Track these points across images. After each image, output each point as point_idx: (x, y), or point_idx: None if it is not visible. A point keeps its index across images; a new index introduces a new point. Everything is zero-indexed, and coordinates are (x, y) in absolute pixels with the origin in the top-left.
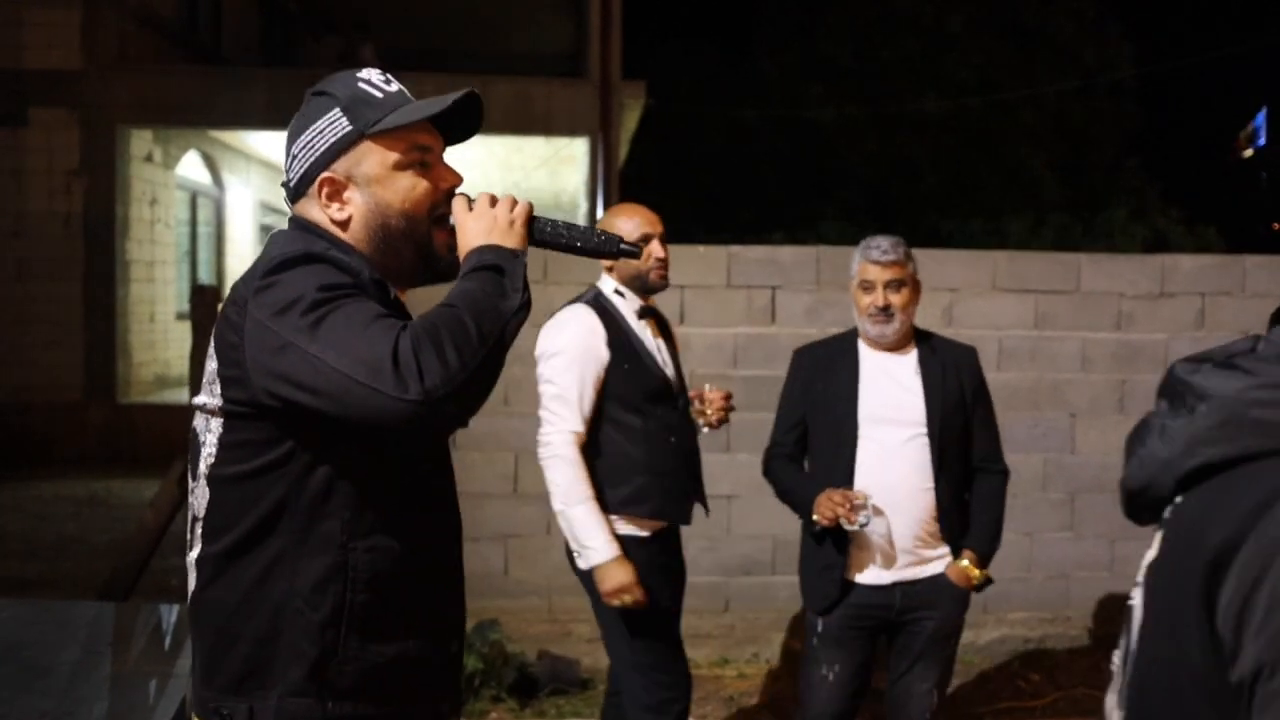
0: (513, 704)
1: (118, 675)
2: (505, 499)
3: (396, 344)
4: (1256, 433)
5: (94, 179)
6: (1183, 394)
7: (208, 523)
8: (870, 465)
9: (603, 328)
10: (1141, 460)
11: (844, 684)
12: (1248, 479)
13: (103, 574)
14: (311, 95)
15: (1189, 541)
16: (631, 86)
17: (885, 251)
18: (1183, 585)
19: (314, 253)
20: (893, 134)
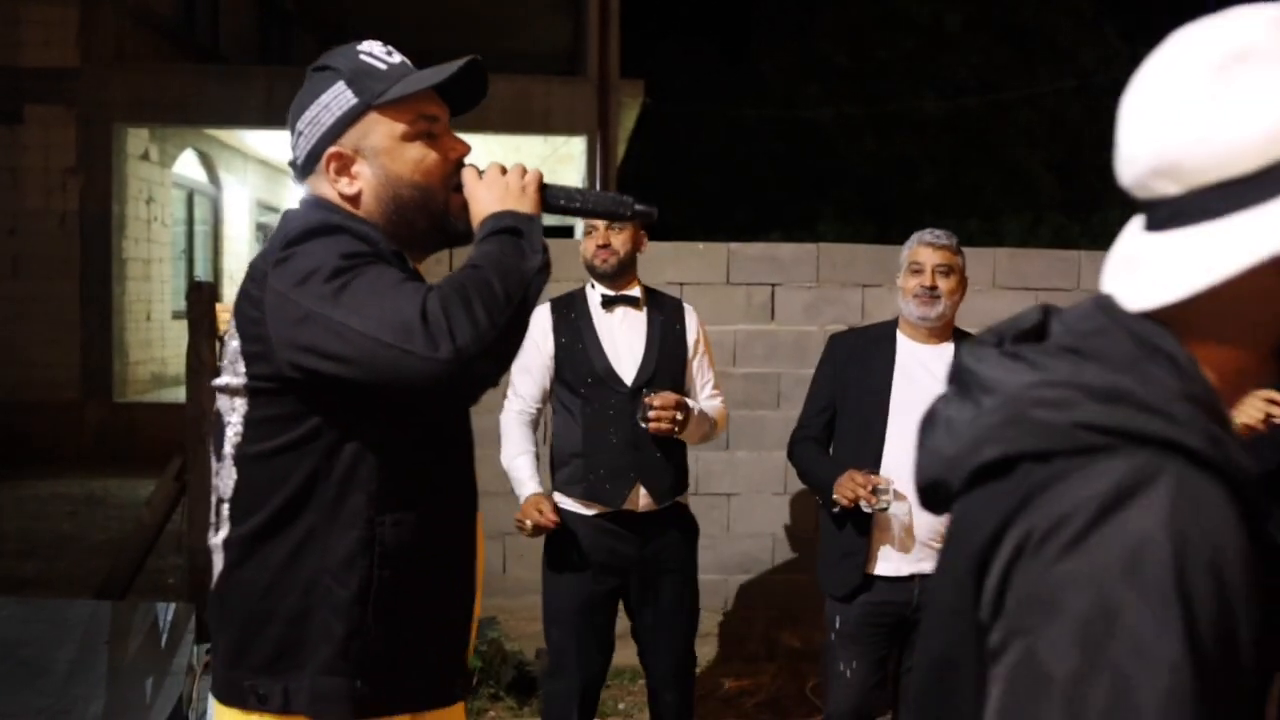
0: (511, 702)
1: (114, 673)
2: (504, 497)
3: (424, 304)
4: (1036, 433)
5: (90, 177)
6: (969, 384)
7: (236, 504)
8: (896, 455)
9: (550, 319)
10: (929, 454)
11: (863, 679)
12: (1019, 477)
13: (99, 573)
14: (313, 71)
15: (962, 540)
16: (629, 85)
17: (938, 236)
18: (955, 582)
19: (332, 223)
20: (890, 133)
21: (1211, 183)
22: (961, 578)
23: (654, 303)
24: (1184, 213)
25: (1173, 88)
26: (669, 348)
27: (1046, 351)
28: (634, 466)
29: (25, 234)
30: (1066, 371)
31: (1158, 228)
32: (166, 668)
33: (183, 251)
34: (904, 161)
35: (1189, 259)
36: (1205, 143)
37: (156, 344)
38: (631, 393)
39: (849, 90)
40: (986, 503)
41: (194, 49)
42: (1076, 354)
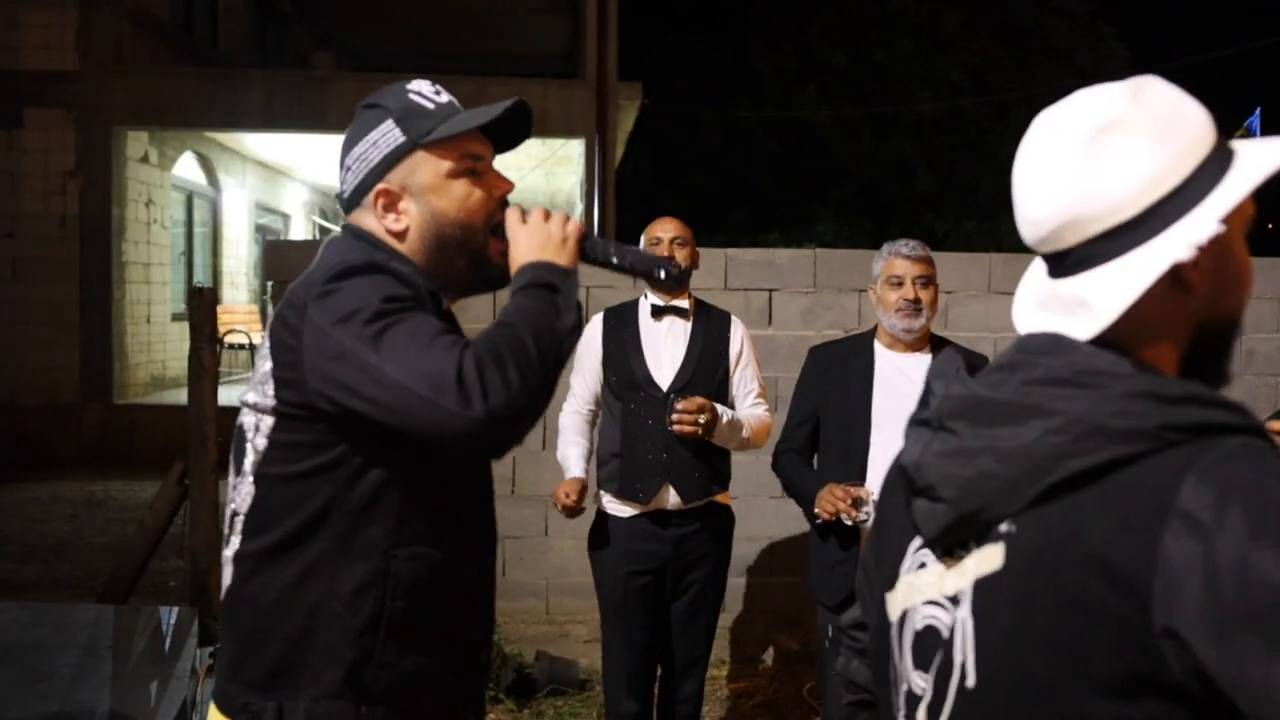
0: (510, 705)
1: (118, 677)
2: (503, 500)
3: (461, 361)
4: (1120, 441)
5: (90, 180)
6: (1002, 415)
7: (250, 519)
8: (881, 464)
9: (602, 327)
10: (969, 485)
11: (860, 675)
12: (1123, 484)
13: (100, 576)
14: (363, 108)
15: (1064, 550)
16: (627, 88)
17: (914, 248)
18: (1065, 589)
19: (377, 262)
20: (888, 135)
21: (1106, 229)
22: (1065, 588)
23: (702, 313)
24: (1089, 257)
25: (1059, 159)
26: (709, 357)
27: (1075, 380)
28: (663, 467)
29: (24, 237)
30: (1121, 388)
31: (1067, 273)
32: (170, 671)
33: (182, 254)
34: (901, 162)
35: (1112, 287)
36: (1096, 199)
37: (156, 346)
38: (666, 397)
39: (846, 91)
40: (1076, 512)
41: (193, 52)
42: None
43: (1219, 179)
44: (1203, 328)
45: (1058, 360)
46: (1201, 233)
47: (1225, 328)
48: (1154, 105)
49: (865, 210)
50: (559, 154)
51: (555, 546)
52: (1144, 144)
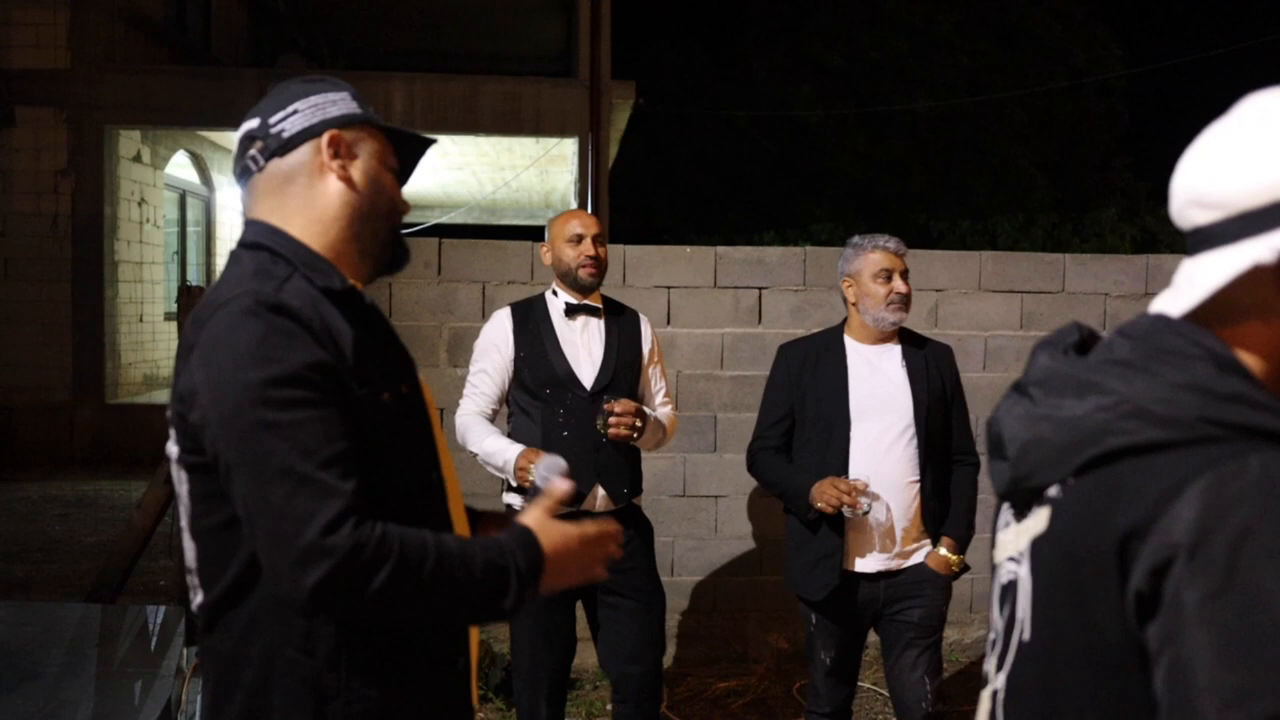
0: (500, 704)
1: (104, 676)
2: (494, 500)
3: (337, 522)
4: (1163, 425)
5: (82, 179)
6: (1060, 385)
7: (199, 574)
8: (862, 457)
9: (511, 323)
10: (1026, 447)
11: (840, 668)
12: (1151, 468)
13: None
14: (307, 80)
15: (1097, 522)
16: (621, 87)
17: (898, 243)
18: (1090, 559)
19: (284, 305)
20: (882, 134)
21: (1228, 215)
22: (1094, 556)
23: (611, 311)
24: (1209, 239)
25: (1203, 143)
26: (626, 355)
27: (1136, 363)
28: (593, 468)
29: (16, 236)
30: (1175, 376)
31: (1193, 252)
32: (156, 670)
33: (175, 253)
34: (896, 162)
35: (1211, 271)
36: (1218, 184)
37: (148, 346)
38: (591, 396)
39: (841, 91)
40: (1117, 489)
41: (185, 51)
42: (1161, 361)
43: None
44: None
45: (1140, 343)
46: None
47: None
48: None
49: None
50: (552, 153)
51: None
52: (1277, 143)
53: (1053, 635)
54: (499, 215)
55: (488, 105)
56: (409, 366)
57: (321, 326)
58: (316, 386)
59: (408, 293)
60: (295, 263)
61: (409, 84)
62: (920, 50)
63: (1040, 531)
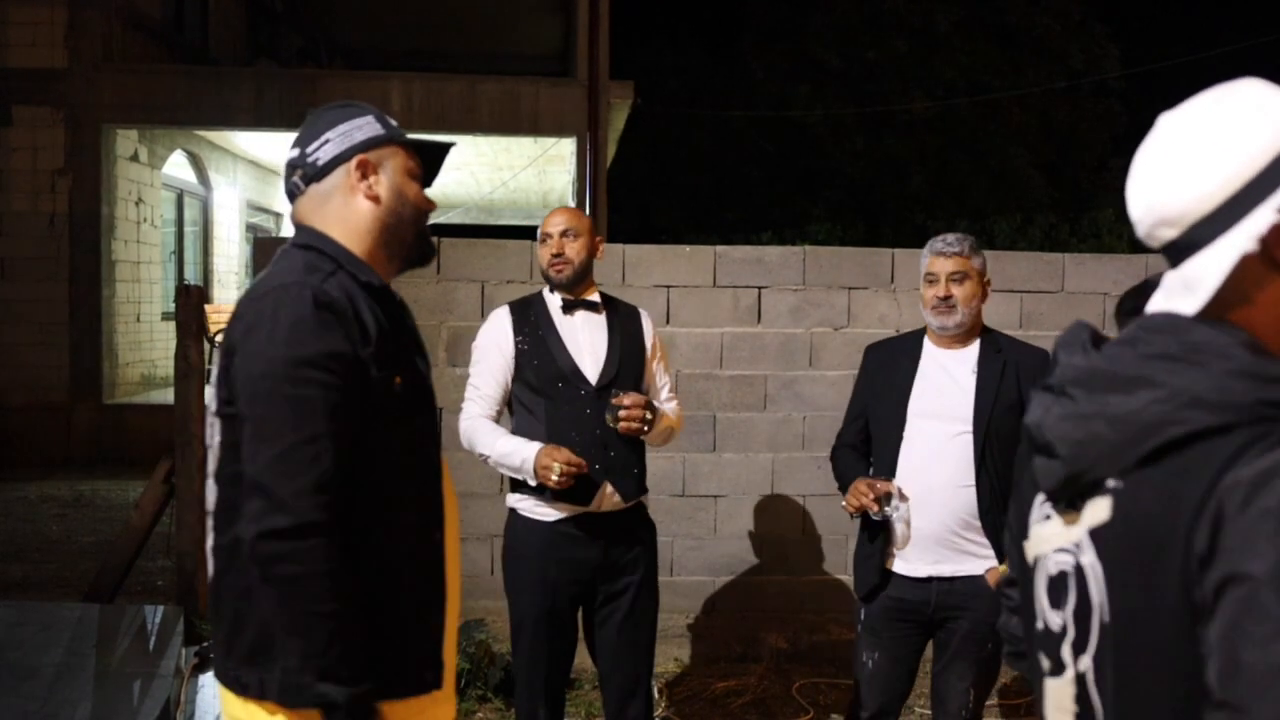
0: (499, 704)
1: (102, 676)
2: (491, 499)
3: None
4: (1223, 410)
5: (79, 178)
6: (1116, 384)
7: (217, 517)
8: (913, 459)
9: (510, 321)
10: (1082, 445)
11: (884, 673)
12: (1212, 449)
13: (88, 575)
14: (337, 106)
15: (1164, 507)
16: (619, 86)
17: (949, 244)
18: (1162, 539)
19: (327, 297)
20: (881, 134)
21: (1196, 221)
22: (1165, 539)
23: (611, 307)
24: (1188, 246)
25: (1153, 168)
26: (629, 349)
27: (1184, 357)
28: (605, 466)
29: (13, 236)
30: (1223, 365)
31: (1178, 261)
32: (154, 670)
33: (172, 253)
34: (894, 162)
35: (1202, 272)
36: (1176, 197)
37: (146, 346)
38: (596, 391)
39: (839, 91)
40: (1182, 474)
41: (183, 50)
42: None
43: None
44: None
45: (1172, 338)
46: (1262, 223)
47: None
48: (1235, 105)
49: (858, 210)
50: (550, 153)
51: None
52: (1223, 143)
53: (1130, 615)
54: (497, 215)
55: (486, 105)
56: (424, 357)
57: (354, 315)
58: (331, 372)
59: (407, 292)
60: (340, 261)
61: (407, 84)
62: (918, 51)
63: (1102, 521)
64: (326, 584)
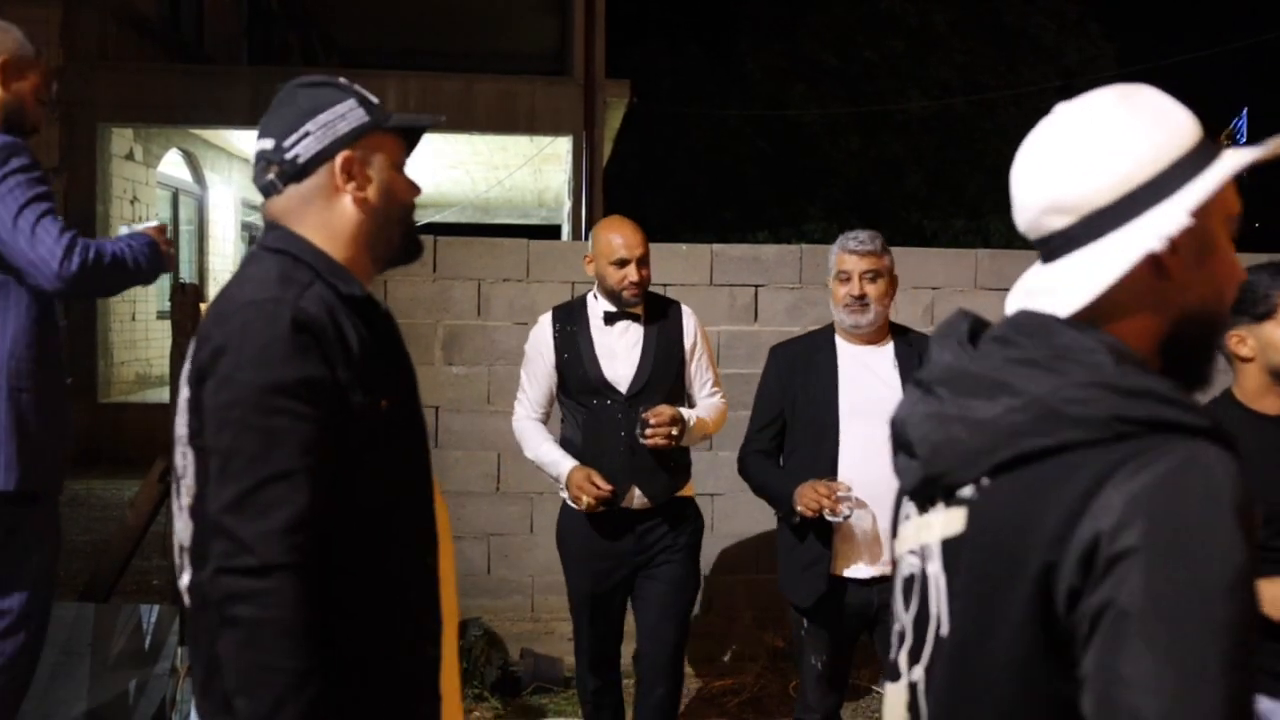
0: (495, 703)
1: (98, 676)
2: (488, 497)
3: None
4: (1078, 426)
5: (74, 177)
6: (970, 385)
7: (192, 553)
8: (852, 459)
9: (552, 329)
10: (939, 448)
11: (832, 671)
12: (1069, 467)
13: (83, 575)
14: (312, 85)
15: (1015, 523)
16: (615, 85)
17: (862, 242)
18: (1011, 559)
19: (303, 317)
20: (877, 134)
21: (1084, 215)
22: (1013, 558)
23: (652, 311)
24: (1070, 241)
25: (1044, 150)
26: (664, 355)
27: (1043, 362)
28: (629, 470)
29: None
30: (1082, 375)
31: (1052, 257)
32: (150, 670)
33: None
34: (890, 161)
35: (1089, 269)
36: (1072, 186)
37: (141, 344)
38: (627, 399)
39: (835, 90)
40: (1037, 492)
41: (179, 49)
42: (1065, 360)
43: (1196, 175)
44: (1185, 319)
45: (1038, 341)
46: (1171, 223)
47: (1207, 323)
48: (1138, 105)
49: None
50: (546, 152)
51: (540, 544)
52: (1122, 138)
53: (971, 631)
54: (493, 214)
55: (482, 104)
56: (410, 377)
57: (335, 334)
58: (305, 401)
59: (403, 291)
60: (319, 270)
61: (403, 82)
62: (914, 50)
63: (956, 532)
64: (286, 633)
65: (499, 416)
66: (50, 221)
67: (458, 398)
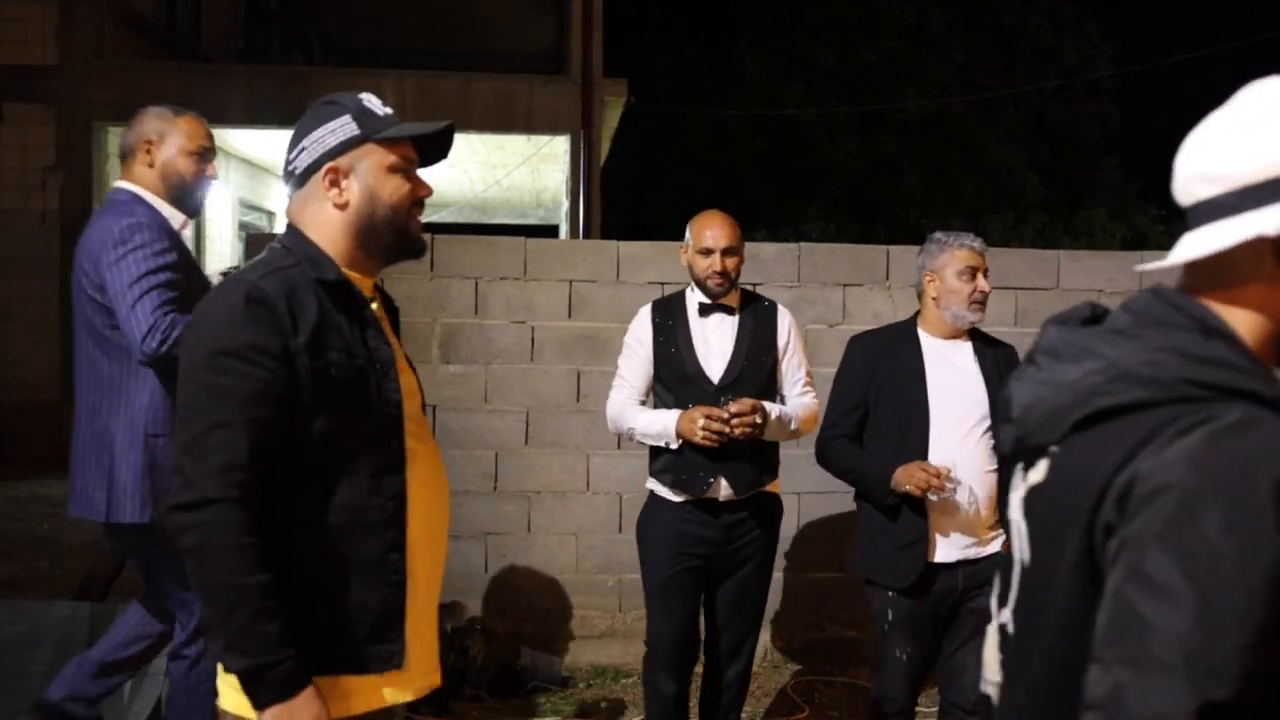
0: (494, 702)
1: None
2: (485, 496)
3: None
4: (1145, 386)
5: (70, 176)
6: (1063, 352)
7: None
8: (941, 446)
9: (651, 319)
10: (1030, 409)
11: (917, 665)
12: (1133, 424)
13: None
14: (321, 104)
15: (1083, 474)
16: (613, 85)
17: (982, 243)
18: (1073, 506)
19: (257, 293)
20: (875, 133)
21: (1226, 190)
22: (1076, 505)
23: (748, 307)
24: (1215, 209)
25: (1207, 126)
26: (757, 350)
27: (1126, 330)
28: (716, 460)
29: (4, 233)
30: (1158, 340)
31: (1195, 225)
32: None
33: None
34: (888, 161)
35: (1208, 238)
36: (1219, 161)
37: None
38: (717, 391)
39: (834, 90)
40: (1103, 445)
41: (175, 47)
42: (1146, 327)
43: None
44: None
45: (1136, 315)
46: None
47: None
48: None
49: (852, 209)
50: (544, 151)
51: (538, 543)
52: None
53: (1039, 567)
54: (490, 214)
55: (479, 103)
56: (379, 350)
57: (286, 308)
58: (251, 363)
59: (400, 289)
60: (300, 256)
61: (400, 81)
62: (913, 50)
63: (1039, 481)
64: (226, 555)
65: (496, 415)
66: (151, 298)
67: (455, 396)
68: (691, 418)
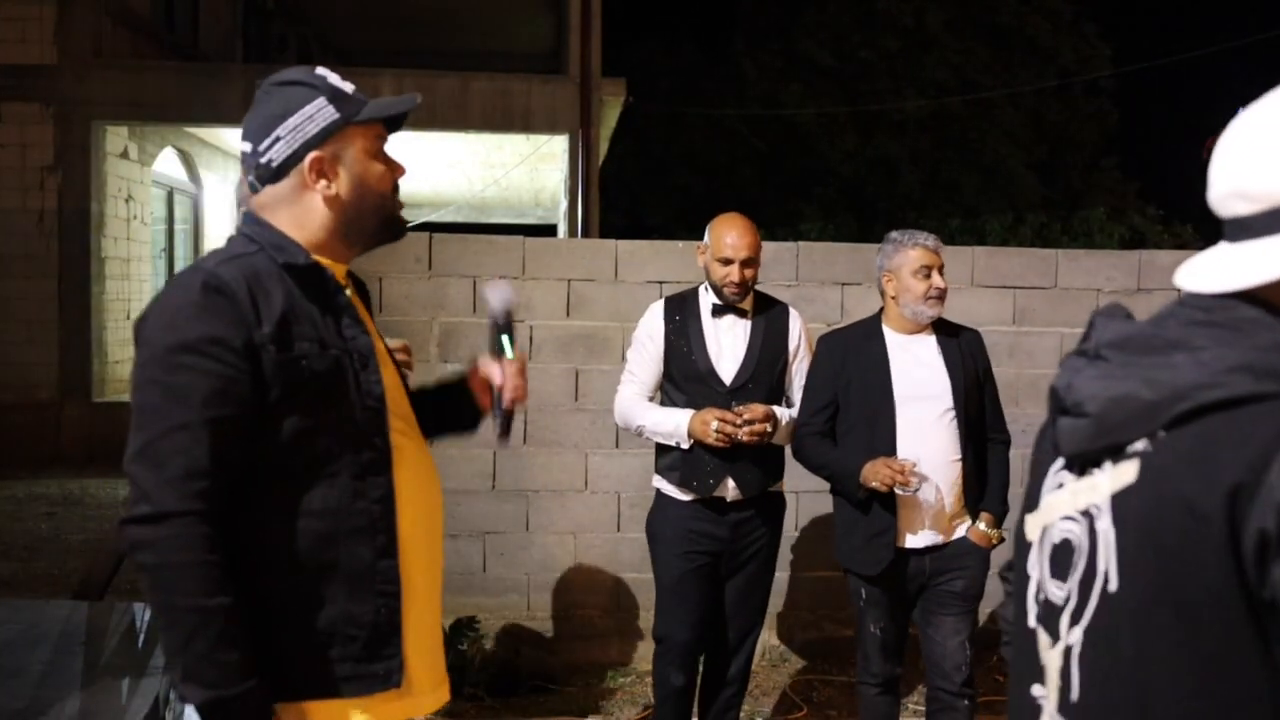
0: (492, 701)
1: (91, 674)
2: (484, 495)
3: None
4: (1257, 380)
5: (69, 175)
6: (1154, 347)
7: None
8: (908, 438)
9: (663, 315)
10: (1114, 404)
11: (893, 635)
12: (1255, 416)
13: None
14: (284, 84)
15: (1192, 471)
16: (611, 84)
17: (934, 240)
18: (1189, 509)
19: (215, 281)
20: (872, 133)
21: (1269, 206)
22: (1196, 507)
23: (761, 309)
24: (1252, 228)
25: (1243, 140)
26: (768, 352)
27: (1226, 324)
28: (725, 460)
29: (2, 233)
30: (1266, 339)
31: (1235, 238)
32: (143, 668)
33: (162, 250)
34: (885, 160)
35: (1262, 260)
36: (1262, 179)
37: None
38: (729, 392)
39: (831, 89)
40: (1216, 440)
41: (173, 47)
42: (1248, 324)
43: None
44: None
45: (1213, 312)
46: None
47: None
48: None
49: (849, 208)
50: (542, 150)
51: (536, 542)
52: None
53: (1144, 584)
54: (489, 213)
55: (478, 102)
56: (356, 339)
57: (247, 296)
58: (210, 357)
59: (399, 288)
60: (262, 243)
61: (398, 80)
62: (910, 50)
63: (1128, 483)
64: (187, 575)
65: None
66: None
67: None
68: (704, 419)
